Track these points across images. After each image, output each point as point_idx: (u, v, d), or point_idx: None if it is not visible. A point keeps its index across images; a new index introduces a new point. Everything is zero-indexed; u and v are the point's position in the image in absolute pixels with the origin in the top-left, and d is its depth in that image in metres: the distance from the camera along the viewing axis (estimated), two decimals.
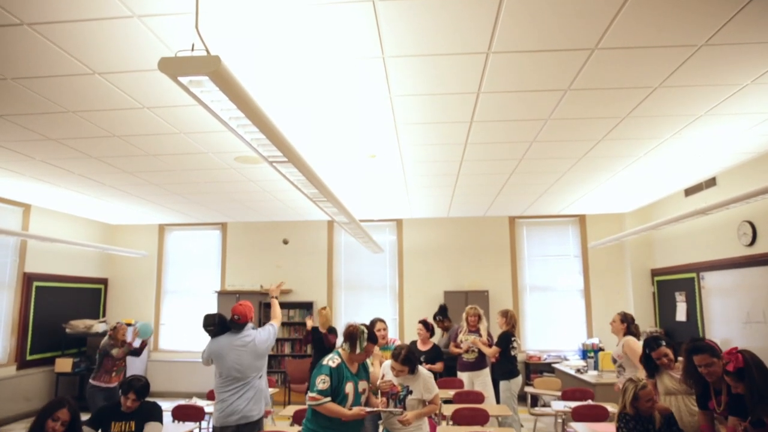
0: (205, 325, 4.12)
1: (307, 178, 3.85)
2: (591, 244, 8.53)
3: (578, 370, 6.80)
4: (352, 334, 3.38)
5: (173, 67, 2.05)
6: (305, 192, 4.41)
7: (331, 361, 3.34)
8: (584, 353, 7.90)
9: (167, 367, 9.17)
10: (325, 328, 6.63)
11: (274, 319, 4.41)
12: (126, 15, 2.67)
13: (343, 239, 9.38)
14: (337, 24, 2.80)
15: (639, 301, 8.22)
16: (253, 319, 4.27)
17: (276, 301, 4.58)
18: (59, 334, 8.17)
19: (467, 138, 4.74)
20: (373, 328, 4.98)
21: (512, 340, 5.75)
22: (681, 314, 7.28)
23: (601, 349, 7.56)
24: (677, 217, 6.19)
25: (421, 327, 6.03)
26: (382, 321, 5.20)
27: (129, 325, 8.87)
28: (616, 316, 5.13)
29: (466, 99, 3.83)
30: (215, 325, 4.11)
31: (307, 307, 8.92)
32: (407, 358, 3.59)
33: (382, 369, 3.85)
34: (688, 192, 6.85)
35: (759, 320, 5.60)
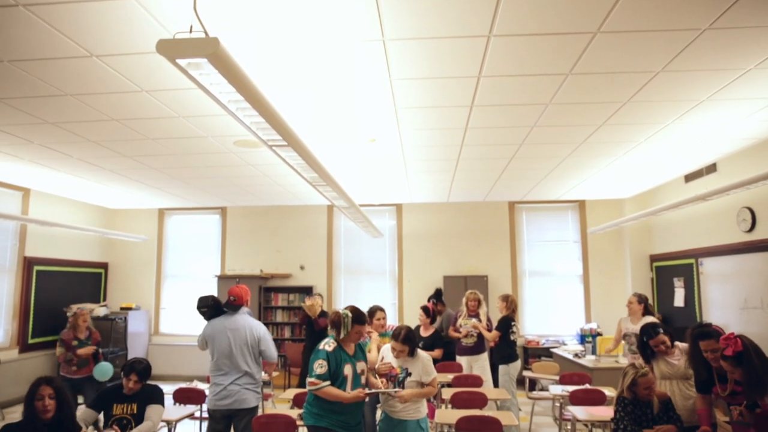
0: (199, 307, 4.15)
1: (307, 162, 3.84)
2: (590, 230, 8.54)
3: (576, 355, 6.84)
4: (335, 322, 3.43)
5: (171, 50, 2.04)
6: (305, 176, 4.40)
7: (327, 345, 3.38)
8: (582, 338, 7.94)
9: (168, 350, 9.27)
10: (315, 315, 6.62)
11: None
12: None
13: (343, 224, 9.39)
14: (337, 6, 2.76)
15: (638, 286, 8.23)
16: (249, 303, 4.28)
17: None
18: (60, 318, 8.20)
19: (467, 122, 4.71)
20: (372, 317, 5.03)
21: (512, 324, 5.80)
22: (679, 300, 7.31)
23: (599, 334, 7.60)
24: (677, 203, 6.18)
25: (422, 313, 6.06)
26: (381, 310, 5.18)
27: (128, 309, 9.01)
28: (633, 298, 5.15)
29: (466, 83, 3.80)
30: (209, 307, 4.13)
31: (307, 292, 8.95)
32: (407, 337, 3.63)
33: (382, 352, 3.90)
34: (689, 178, 6.84)
35: (756, 306, 5.63)
